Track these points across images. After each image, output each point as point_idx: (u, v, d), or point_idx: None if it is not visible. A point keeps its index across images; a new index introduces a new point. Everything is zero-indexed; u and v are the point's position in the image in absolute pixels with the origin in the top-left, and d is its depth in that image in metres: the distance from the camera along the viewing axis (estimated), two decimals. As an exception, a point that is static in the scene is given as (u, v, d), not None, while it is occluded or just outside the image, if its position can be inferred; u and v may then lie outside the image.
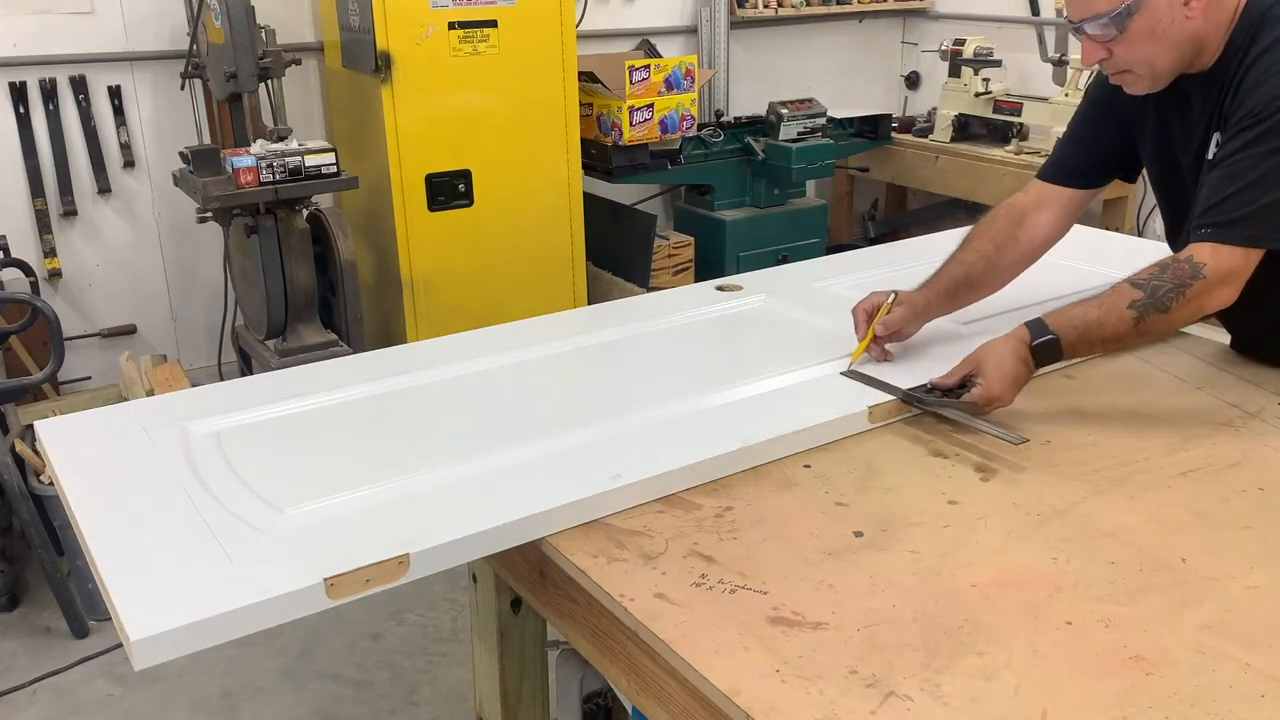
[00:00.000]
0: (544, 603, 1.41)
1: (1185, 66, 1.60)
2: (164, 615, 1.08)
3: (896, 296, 1.74)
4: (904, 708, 0.98)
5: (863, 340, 1.72)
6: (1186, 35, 1.55)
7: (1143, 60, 1.58)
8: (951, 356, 1.63)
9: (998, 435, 1.50)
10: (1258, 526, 1.29)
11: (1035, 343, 1.55)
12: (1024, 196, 1.87)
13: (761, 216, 4.38)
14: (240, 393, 1.68)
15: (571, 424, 1.51)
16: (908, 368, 1.70)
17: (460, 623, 2.78)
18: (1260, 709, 0.98)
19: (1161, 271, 1.52)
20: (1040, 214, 1.83)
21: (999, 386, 1.53)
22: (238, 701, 2.54)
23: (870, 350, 1.72)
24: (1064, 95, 4.16)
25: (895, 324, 1.72)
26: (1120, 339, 1.56)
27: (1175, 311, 1.51)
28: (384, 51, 3.36)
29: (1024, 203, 1.85)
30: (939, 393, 1.58)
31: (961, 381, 1.57)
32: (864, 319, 1.74)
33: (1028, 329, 1.56)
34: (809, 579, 1.19)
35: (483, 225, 3.66)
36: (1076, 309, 1.56)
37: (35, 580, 2.97)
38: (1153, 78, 1.61)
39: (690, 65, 4.03)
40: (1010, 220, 1.83)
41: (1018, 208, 1.85)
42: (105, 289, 3.76)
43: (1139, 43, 1.55)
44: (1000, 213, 1.86)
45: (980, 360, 1.56)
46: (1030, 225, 1.82)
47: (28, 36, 3.46)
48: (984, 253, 1.81)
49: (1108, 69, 1.64)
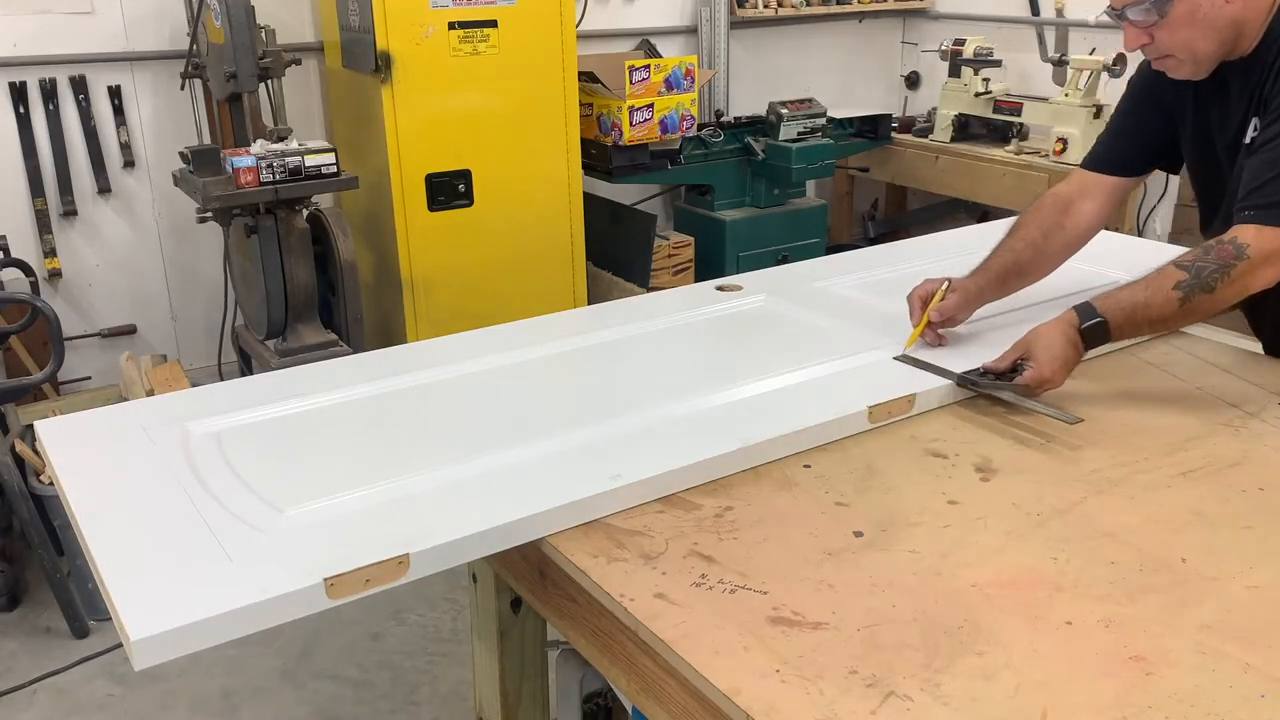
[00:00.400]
0: (544, 603, 1.41)
1: (1226, 52, 1.64)
2: (164, 615, 1.07)
3: (950, 284, 1.79)
4: (904, 708, 0.98)
5: (917, 326, 1.77)
6: (1226, 20, 1.59)
7: (1184, 45, 1.62)
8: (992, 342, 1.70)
9: (1052, 415, 1.54)
10: (1258, 526, 1.29)
11: (1084, 326, 1.59)
12: (1067, 186, 1.91)
13: (761, 216, 4.38)
14: (240, 393, 1.68)
15: (571, 424, 1.51)
16: (960, 352, 1.74)
17: (460, 623, 2.78)
18: (1260, 709, 0.98)
19: (1206, 253, 1.56)
20: (1085, 202, 1.87)
21: (1050, 369, 1.57)
22: (238, 701, 2.54)
23: (924, 336, 1.77)
24: (1064, 95, 4.17)
25: (949, 310, 1.77)
26: (1167, 320, 1.60)
27: (1220, 291, 1.54)
28: (384, 51, 3.36)
29: (1068, 192, 1.89)
30: (992, 376, 1.63)
31: (1013, 365, 1.62)
32: (919, 305, 1.79)
33: (1076, 313, 1.60)
34: (809, 579, 1.19)
35: (483, 225, 3.66)
36: (1123, 292, 1.60)
37: (35, 580, 2.98)
38: (1194, 63, 1.65)
39: (690, 65, 4.03)
40: (1056, 208, 1.87)
41: (1063, 196, 1.89)
42: (105, 289, 3.76)
43: (1179, 27, 1.60)
44: (1046, 201, 1.90)
45: (1031, 344, 1.60)
46: (1075, 213, 1.87)
47: (28, 36, 3.46)
48: (1032, 240, 1.85)
49: (1149, 54, 1.68)
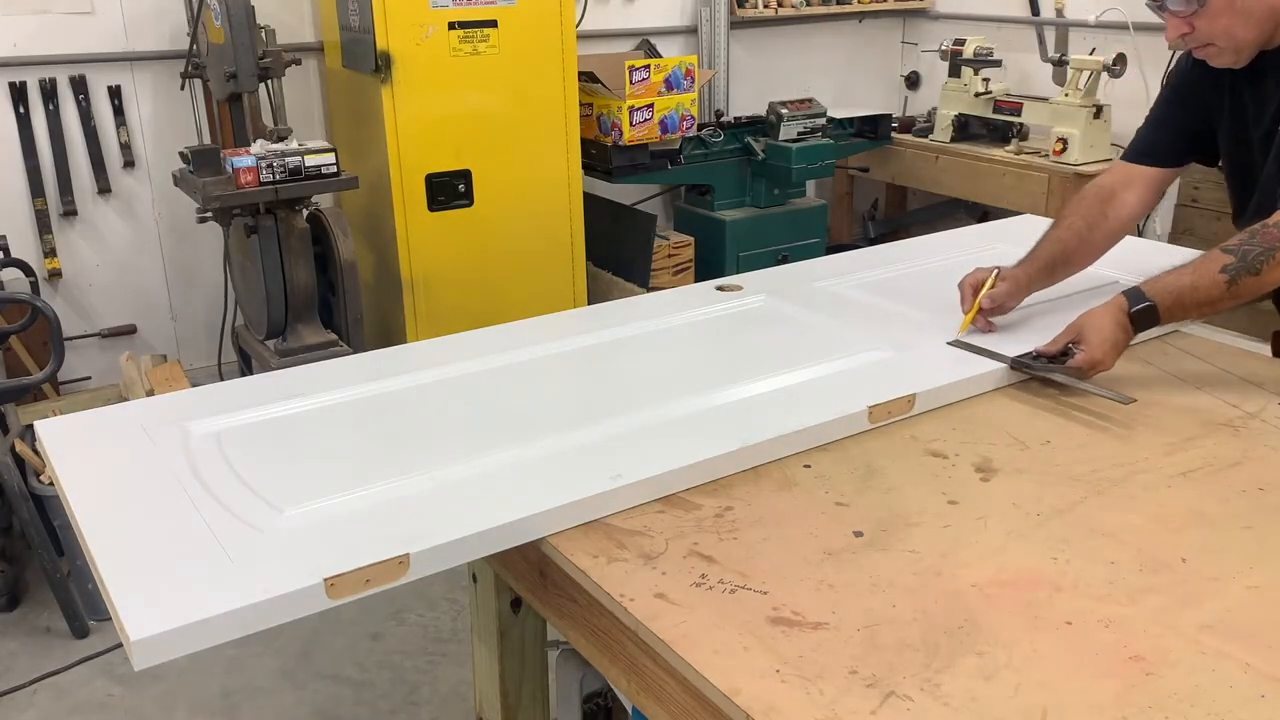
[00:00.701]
0: (544, 603, 1.41)
1: (1265, 41, 1.69)
2: (164, 615, 1.07)
3: (1000, 272, 1.85)
4: (904, 708, 0.98)
5: (969, 312, 1.82)
6: (1266, 8, 1.64)
7: (1223, 32, 1.67)
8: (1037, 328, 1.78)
9: (1105, 395, 1.61)
10: (1258, 526, 1.29)
11: (1133, 310, 1.64)
12: (1109, 177, 1.96)
13: (761, 216, 4.38)
14: (240, 393, 1.68)
15: (571, 424, 1.52)
16: (1009, 338, 1.80)
17: (460, 623, 2.78)
18: (1260, 709, 0.98)
19: (1251, 237, 1.61)
20: (1126, 193, 1.92)
21: (1100, 351, 1.62)
22: (238, 701, 2.54)
23: (975, 322, 1.82)
24: (1064, 95, 4.17)
25: (1000, 298, 1.83)
26: (1214, 302, 1.63)
27: (1266, 274, 1.59)
28: (384, 51, 3.36)
29: (1110, 183, 1.95)
30: (1044, 360, 1.68)
31: (1064, 349, 1.67)
32: (970, 293, 1.84)
33: (1125, 297, 1.65)
34: (809, 579, 1.19)
35: (483, 225, 3.66)
36: (1170, 276, 1.65)
37: (35, 580, 2.98)
38: (1235, 50, 1.70)
39: (690, 65, 4.02)
40: (1099, 199, 1.93)
41: (1105, 187, 1.94)
42: (105, 289, 3.76)
43: (1219, 15, 1.65)
44: (1089, 192, 1.95)
45: (1082, 328, 1.65)
46: (1118, 203, 1.92)
47: (28, 36, 3.46)
48: (1077, 229, 1.90)
49: (1190, 43, 1.72)
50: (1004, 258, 2.09)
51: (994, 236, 2.47)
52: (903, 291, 2.07)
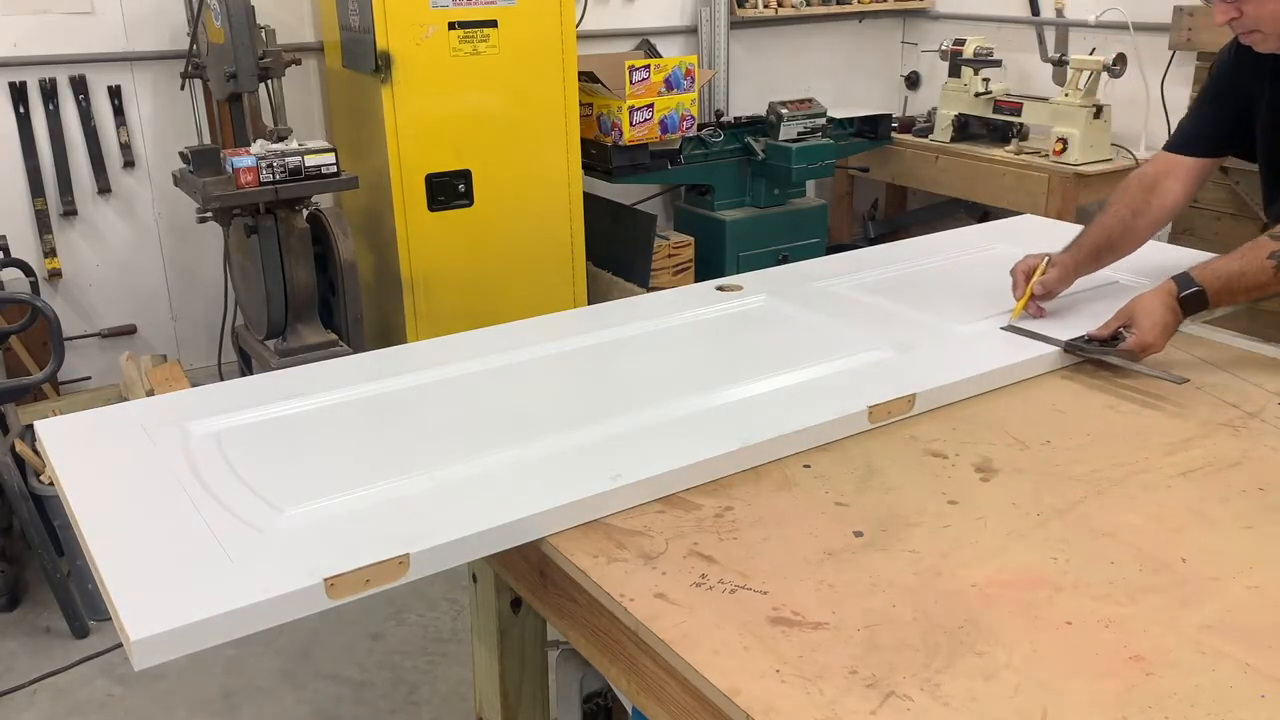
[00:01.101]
0: (544, 603, 1.41)
1: None
2: (164, 615, 1.07)
3: (1050, 259, 1.91)
4: (904, 708, 0.98)
5: (1021, 298, 1.88)
6: None
7: (1271, 17, 1.71)
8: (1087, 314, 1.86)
9: (1158, 376, 1.67)
10: (1258, 526, 1.29)
11: (1182, 294, 1.70)
12: (1152, 167, 2.02)
13: (761, 216, 4.38)
14: (240, 393, 1.68)
15: (571, 424, 1.51)
16: (1058, 322, 1.86)
17: (460, 623, 2.78)
18: (1260, 709, 0.98)
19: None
20: (1169, 181, 1.98)
21: (1151, 335, 1.68)
22: (238, 701, 2.54)
23: (1027, 308, 1.88)
24: (1064, 95, 4.16)
25: (1050, 283, 1.89)
26: (1262, 287, 1.69)
27: None
28: (384, 51, 3.36)
29: (1153, 172, 2.00)
30: (1097, 343, 1.74)
31: (1115, 332, 1.73)
32: (1023, 279, 1.90)
33: (1175, 282, 1.71)
34: (809, 579, 1.19)
35: (483, 225, 3.66)
36: (1219, 263, 1.71)
37: (35, 580, 2.98)
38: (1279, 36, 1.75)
39: (690, 65, 4.03)
40: (1143, 188, 1.98)
41: (1149, 177, 2.00)
42: (105, 289, 3.76)
43: (1268, 0, 1.69)
44: (1133, 181, 2.01)
45: (1133, 312, 1.71)
46: (1161, 191, 1.97)
47: (28, 36, 3.46)
48: (1122, 217, 1.96)
49: (1238, 29, 1.77)
50: (1004, 258, 2.09)
51: (994, 236, 2.47)
52: (903, 291, 2.07)
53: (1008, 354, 1.75)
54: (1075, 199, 4.09)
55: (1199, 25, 3.50)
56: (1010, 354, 1.75)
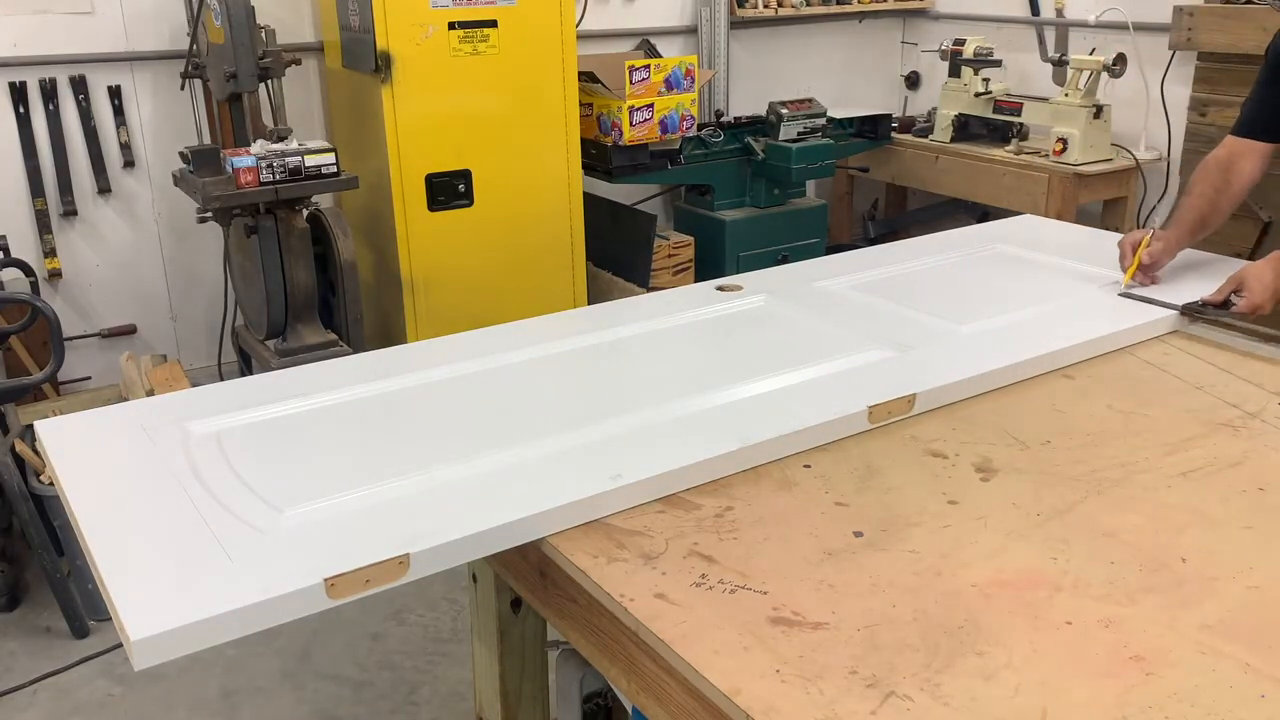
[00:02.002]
0: (544, 603, 1.41)
1: None
2: (164, 615, 1.08)
3: (1154, 233, 2.05)
4: (904, 708, 0.98)
5: (1130, 266, 2.03)
6: None
7: None
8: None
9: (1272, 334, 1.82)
10: (1258, 526, 1.29)
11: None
12: (1224, 150, 2.15)
13: (761, 216, 4.38)
14: (240, 393, 1.68)
15: (571, 424, 1.51)
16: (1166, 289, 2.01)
17: (460, 623, 2.78)
18: (1260, 709, 0.98)
19: None
20: (1242, 162, 2.12)
21: (1261, 297, 1.86)
22: (238, 701, 2.54)
23: (1135, 277, 2.02)
24: (1064, 95, 4.16)
25: (1157, 254, 2.04)
26: None
27: None
28: (384, 51, 3.36)
29: (1225, 155, 2.13)
30: (1210, 308, 1.89)
31: (1226, 298, 1.89)
32: (1130, 250, 2.06)
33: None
34: (809, 579, 1.19)
35: (483, 225, 3.66)
36: None
37: (35, 580, 2.98)
38: None
39: (690, 65, 4.02)
40: (1219, 169, 2.12)
41: (1222, 159, 2.13)
42: (105, 289, 3.76)
43: None
44: (1210, 164, 2.15)
45: (1244, 278, 1.88)
46: (1237, 171, 2.11)
47: (28, 36, 3.46)
48: (1209, 196, 2.11)
49: None
50: (1004, 257, 2.10)
51: (994, 236, 2.47)
52: (903, 291, 2.07)
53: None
54: (1075, 199, 4.09)
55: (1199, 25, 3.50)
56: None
